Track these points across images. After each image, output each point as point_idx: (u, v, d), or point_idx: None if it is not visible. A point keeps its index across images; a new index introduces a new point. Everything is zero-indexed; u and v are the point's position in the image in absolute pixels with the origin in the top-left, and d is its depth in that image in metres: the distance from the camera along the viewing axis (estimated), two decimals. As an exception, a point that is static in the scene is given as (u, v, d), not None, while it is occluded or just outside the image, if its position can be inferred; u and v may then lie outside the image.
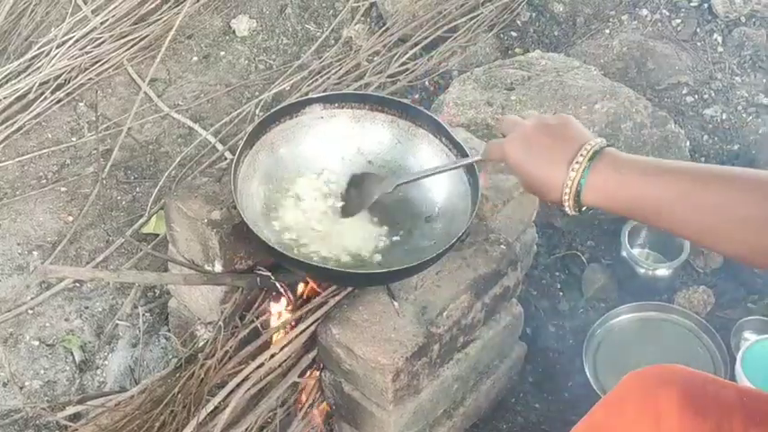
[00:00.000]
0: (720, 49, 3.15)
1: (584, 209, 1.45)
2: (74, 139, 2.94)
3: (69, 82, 3.03)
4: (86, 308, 2.50)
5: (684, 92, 3.01)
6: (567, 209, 1.46)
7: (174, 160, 2.84)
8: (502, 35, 3.26)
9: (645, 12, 3.28)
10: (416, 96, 3.06)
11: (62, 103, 3.01)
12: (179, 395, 1.90)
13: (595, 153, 1.42)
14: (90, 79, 3.08)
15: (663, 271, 2.54)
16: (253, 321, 2.00)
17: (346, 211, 1.98)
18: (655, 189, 1.35)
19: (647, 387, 1.51)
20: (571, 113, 2.57)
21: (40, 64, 3.01)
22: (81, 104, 3.05)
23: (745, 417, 1.43)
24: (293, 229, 1.94)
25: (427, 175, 1.93)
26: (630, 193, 1.38)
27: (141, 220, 2.67)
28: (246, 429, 1.91)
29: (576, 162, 1.42)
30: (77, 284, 2.54)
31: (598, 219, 2.64)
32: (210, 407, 1.86)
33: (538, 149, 1.49)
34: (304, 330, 1.94)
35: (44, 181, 2.82)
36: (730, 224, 1.29)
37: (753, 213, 1.26)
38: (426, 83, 3.09)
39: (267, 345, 1.96)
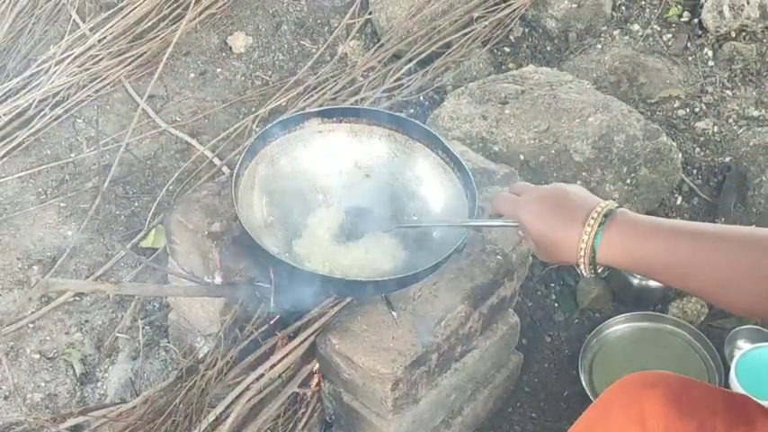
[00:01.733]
0: (711, 63, 3.19)
1: (599, 270, 1.46)
2: (73, 155, 2.97)
3: (68, 99, 3.06)
4: (86, 321, 2.52)
5: (676, 105, 3.05)
6: (582, 270, 1.47)
7: (171, 175, 2.86)
8: (495, 50, 3.29)
9: (636, 27, 3.32)
10: (411, 111, 3.09)
11: (61, 119, 3.04)
12: (180, 405, 1.91)
13: (609, 211, 1.44)
14: (88, 96, 3.10)
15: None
16: (252, 332, 2.02)
17: (345, 239, 2.02)
18: (670, 247, 1.37)
19: (632, 391, 1.55)
20: (565, 126, 2.61)
21: (39, 81, 3.04)
22: (79, 121, 3.07)
23: (727, 417, 1.46)
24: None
25: (430, 226, 1.99)
26: (646, 251, 1.39)
27: (140, 235, 2.69)
28: (247, 440, 1.93)
29: (591, 218, 1.44)
30: (77, 298, 2.56)
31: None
32: (212, 417, 1.88)
33: (553, 211, 1.50)
34: (304, 341, 1.96)
35: (43, 196, 2.84)
36: (746, 281, 1.31)
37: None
38: (421, 97, 3.12)
39: (267, 355, 1.98)
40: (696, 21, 3.30)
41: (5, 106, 2.96)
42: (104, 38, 3.18)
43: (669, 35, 3.29)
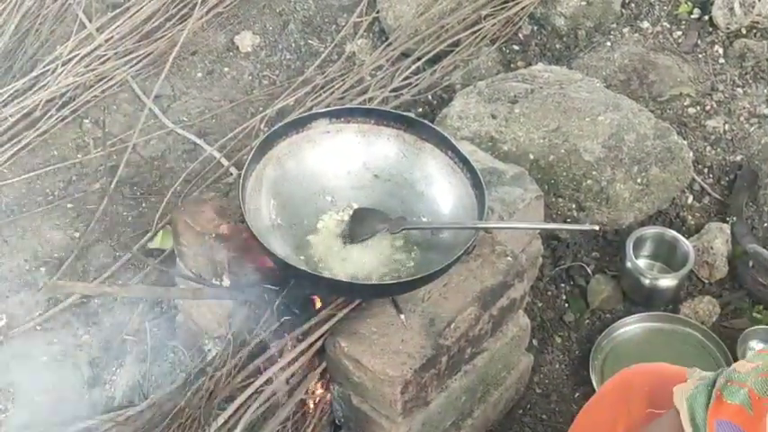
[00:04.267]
0: (722, 60, 3.16)
1: None
2: (80, 155, 2.96)
3: (75, 99, 3.05)
4: (94, 323, 2.51)
5: (687, 103, 3.02)
6: None
7: (179, 176, 2.85)
8: (504, 49, 3.27)
9: (646, 24, 3.30)
10: (420, 110, 3.07)
11: (68, 120, 3.03)
12: (187, 409, 1.90)
13: None
14: (95, 96, 3.09)
15: (668, 281, 2.54)
16: (260, 335, 2.01)
17: (351, 238, 2.00)
18: None
19: (624, 379, 1.65)
20: (574, 125, 2.60)
21: (45, 81, 3.03)
22: (86, 121, 3.06)
23: None
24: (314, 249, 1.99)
25: (439, 227, 1.98)
26: None
27: (148, 236, 2.67)
28: (257, 443, 1.91)
29: None
30: (85, 300, 2.55)
31: (603, 230, 2.65)
32: (221, 420, 1.87)
33: None
34: (312, 343, 1.95)
35: (51, 197, 2.83)
36: None
37: None
38: (429, 97, 3.10)
39: (276, 358, 1.97)
40: (706, 18, 3.27)
41: (12, 107, 2.95)
42: (111, 38, 3.17)
43: (679, 32, 3.27)
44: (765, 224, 2.69)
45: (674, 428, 1.39)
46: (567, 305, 2.60)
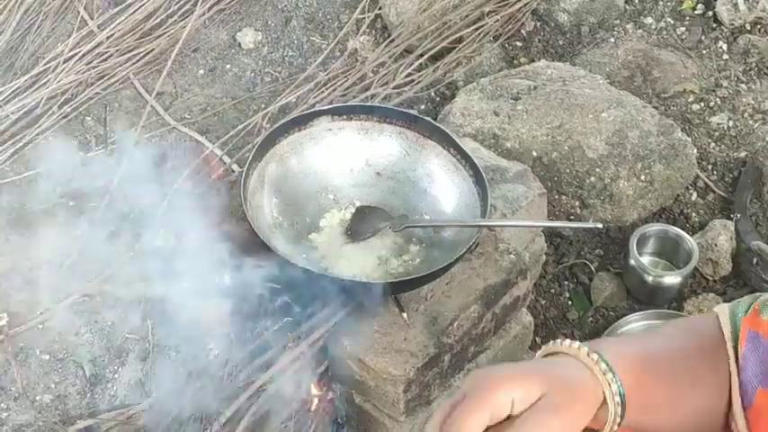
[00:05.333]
0: (726, 56, 3.15)
1: None
2: (81, 153, 2.95)
3: (76, 97, 3.03)
4: (96, 321, 2.49)
5: (690, 100, 3.01)
6: None
7: (180, 174, 2.83)
8: (507, 45, 3.26)
9: (649, 20, 3.29)
10: (422, 107, 3.06)
11: (69, 117, 3.02)
12: (190, 408, 1.90)
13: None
14: (97, 93, 3.08)
15: (671, 278, 2.53)
16: (262, 334, 2.00)
17: (353, 237, 1.99)
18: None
19: None
20: (578, 122, 2.58)
21: (46, 79, 3.01)
22: (88, 119, 3.05)
23: None
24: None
25: (441, 225, 1.98)
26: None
27: (150, 234, 2.66)
28: (258, 442, 1.91)
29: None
30: (86, 298, 2.53)
31: (606, 227, 2.64)
32: (222, 419, 1.86)
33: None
34: (315, 342, 1.94)
35: (52, 196, 2.82)
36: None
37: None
38: (432, 93, 3.09)
39: (277, 357, 1.96)
40: (710, 13, 3.26)
41: (13, 105, 2.93)
42: (113, 35, 3.15)
43: (683, 28, 3.25)
44: (769, 221, 2.69)
45: (708, 324, 1.30)
46: (570, 303, 2.59)
